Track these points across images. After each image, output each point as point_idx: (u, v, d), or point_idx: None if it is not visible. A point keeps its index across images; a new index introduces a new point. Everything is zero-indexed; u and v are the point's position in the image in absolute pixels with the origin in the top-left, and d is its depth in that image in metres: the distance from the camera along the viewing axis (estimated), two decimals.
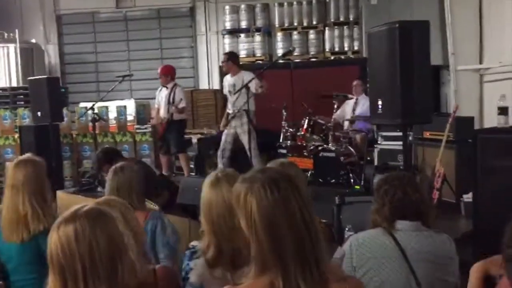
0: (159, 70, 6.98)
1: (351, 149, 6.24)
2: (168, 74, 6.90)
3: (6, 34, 9.70)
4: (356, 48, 9.24)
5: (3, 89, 9.01)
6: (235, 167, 6.64)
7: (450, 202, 4.50)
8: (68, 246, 1.46)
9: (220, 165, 6.59)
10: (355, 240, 2.42)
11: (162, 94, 6.93)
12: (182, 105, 6.65)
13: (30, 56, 9.93)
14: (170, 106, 6.73)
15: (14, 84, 9.55)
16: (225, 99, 6.99)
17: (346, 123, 6.76)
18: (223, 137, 6.55)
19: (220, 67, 8.43)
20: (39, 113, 6.73)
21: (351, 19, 9.34)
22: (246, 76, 6.21)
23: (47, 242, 1.51)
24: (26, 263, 2.72)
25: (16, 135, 7.44)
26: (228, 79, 6.62)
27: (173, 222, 4.15)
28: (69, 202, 5.04)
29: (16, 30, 9.61)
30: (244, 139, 6.27)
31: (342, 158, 6.00)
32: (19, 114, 7.68)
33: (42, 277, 2.66)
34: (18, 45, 9.61)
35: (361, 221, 3.16)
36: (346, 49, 9.31)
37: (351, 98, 7.00)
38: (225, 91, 6.70)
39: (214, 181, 2.12)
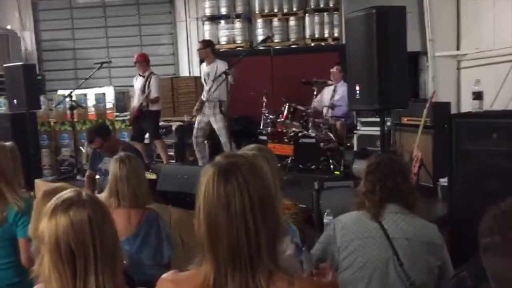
0: (134, 58, 6.90)
1: (331, 135, 6.29)
2: (145, 61, 6.83)
3: None
4: (336, 34, 9.26)
5: None
6: (215, 153, 6.70)
7: (428, 186, 4.57)
8: (81, 230, 1.44)
9: (197, 154, 6.59)
10: (338, 222, 2.47)
11: (137, 83, 6.87)
12: (153, 95, 6.61)
13: (5, 43, 9.71)
14: (143, 96, 6.67)
15: None
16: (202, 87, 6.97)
17: (325, 109, 6.79)
18: (195, 124, 6.55)
19: None
20: (15, 101, 6.60)
21: (331, 5, 9.34)
22: (220, 65, 6.20)
23: (44, 228, 1.47)
24: (2, 247, 2.73)
25: None
26: (204, 67, 6.61)
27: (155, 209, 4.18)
28: None
29: None
30: (217, 127, 6.29)
31: (322, 144, 6.03)
32: None
33: (18, 262, 2.69)
34: None
35: (340, 205, 3.21)
36: (326, 35, 9.32)
37: (331, 85, 7.03)
38: (202, 78, 6.71)
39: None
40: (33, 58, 10.57)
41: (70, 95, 6.48)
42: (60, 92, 8.14)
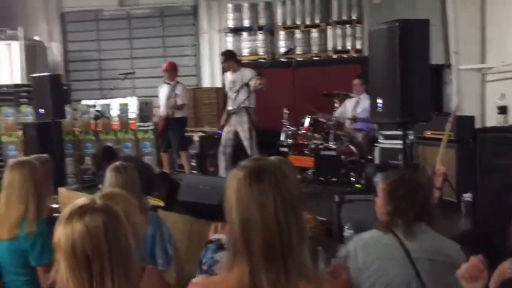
0: (163, 67, 7.02)
1: (352, 148, 6.24)
2: (174, 70, 6.96)
3: (9, 31, 9.74)
4: (358, 47, 9.24)
5: (7, 86, 9.04)
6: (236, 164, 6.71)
7: (451, 201, 4.49)
8: (97, 236, 1.47)
9: (222, 163, 6.61)
10: (359, 241, 2.40)
11: (163, 91, 6.96)
12: (180, 102, 6.68)
13: (33, 54, 9.96)
14: (171, 103, 6.76)
15: (18, 81, 9.58)
16: (226, 97, 7.01)
17: (348, 122, 6.76)
18: (223, 135, 6.57)
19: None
20: (41, 110, 6.76)
21: (353, 18, 9.34)
22: (246, 73, 6.23)
23: (60, 234, 1.49)
24: (17, 264, 2.71)
25: (19, 132, 7.47)
26: (228, 76, 6.65)
27: (174, 220, 4.20)
28: (71, 199, 5.06)
29: (20, 28, 9.66)
30: (244, 136, 6.30)
31: (343, 157, 6.00)
32: (22, 111, 7.71)
33: (35, 280, 2.69)
34: (21, 42, 9.64)
35: (361, 219, 3.19)
36: (348, 48, 9.31)
37: (353, 97, 7.00)
38: (226, 88, 6.74)
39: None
40: (60, 68, 10.81)
41: (94, 105, 6.60)
42: (85, 101, 8.30)
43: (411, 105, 3.47)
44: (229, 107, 6.51)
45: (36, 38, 10.40)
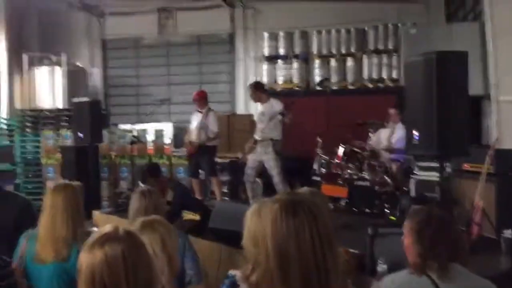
0: (193, 96, 7.13)
1: (387, 179, 6.13)
2: (203, 97, 7.03)
3: (53, 57, 10.15)
4: (394, 76, 9.16)
5: (49, 111, 9.38)
6: (268, 193, 6.68)
7: (490, 238, 4.32)
8: (115, 264, 1.49)
9: (249, 192, 6.61)
10: (390, 283, 2.29)
11: (195, 119, 7.05)
12: (211, 130, 6.75)
13: (75, 79, 10.32)
14: (202, 131, 6.83)
15: (59, 105, 9.93)
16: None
17: (382, 152, 6.66)
18: (248, 162, 6.60)
19: None
20: (80, 134, 6.95)
21: (390, 47, 9.29)
22: (275, 104, 6.27)
23: (82, 260, 1.53)
24: (64, 286, 2.70)
25: (59, 155, 7.68)
26: (258, 106, 6.72)
27: (204, 247, 4.19)
28: (105, 222, 5.14)
29: (63, 54, 10.05)
30: (269, 166, 6.31)
31: (377, 188, 5.90)
32: (61, 135, 7.95)
33: None
34: (64, 68, 10.02)
35: (395, 254, 3.08)
36: (384, 77, 9.24)
37: (387, 127, 6.91)
38: (256, 118, 6.80)
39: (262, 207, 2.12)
40: (100, 93, 11.15)
41: (131, 130, 6.74)
42: (122, 126, 8.49)
43: (448, 138, 3.40)
44: (256, 136, 6.55)
45: (78, 64, 10.79)
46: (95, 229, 3.08)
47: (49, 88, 10.11)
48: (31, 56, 10.34)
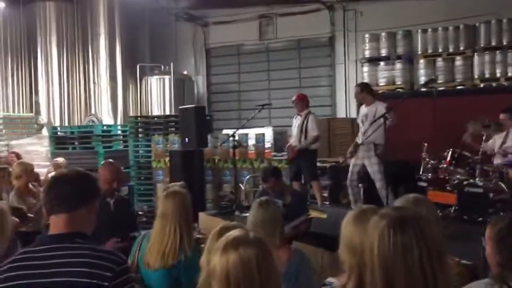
0: (294, 97, 7.13)
1: (502, 185, 5.66)
2: (303, 100, 7.02)
3: (163, 67, 10.81)
4: (510, 74, 8.47)
5: (158, 117, 9.98)
6: (370, 198, 6.50)
7: None
8: (250, 267, 1.53)
9: (351, 196, 6.47)
10: None
11: (296, 122, 7.06)
12: (312, 134, 6.70)
13: (181, 87, 10.92)
14: (302, 136, 6.82)
15: (167, 112, 10.54)
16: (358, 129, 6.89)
17: (496, 156, 6.16)
18: (350, 167, 6.45)
19: None
20: (186, 139, 7.30)
21: (504, 43, 8.61)
22: (380, 107, 6.07)
23: (215, 263, 1.57)
24: None
25: (167, 159, 8.11)
26: (362, 108, 6.55)
27: (306, 252, 4.17)
28: (209, 223, 5.33)
29: (171, 63, 10.67)
30: (371, 171, 6.12)
31: (491, 195, 5.47)
32: (170, 140, 8.38)
33: None
34: (172, 76, 10.63)
35: None
36: (498, 75, 8.58)
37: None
38: (358, 120, 6.63)
39: (358, 215, 2.07)
40: (204, 100, 11.66)
41: (233, 135, 6.94)
42: (225, 131, 8.77)
43: None
44: (358, 140, 6.39)
45: (185, 72, 11.38)
46: (199, 236, 3.19)
47: (158, 96, 10.81)
48: (143, 67, 11.11)
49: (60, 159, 7.81)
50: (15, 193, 4.88)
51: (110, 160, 4.29)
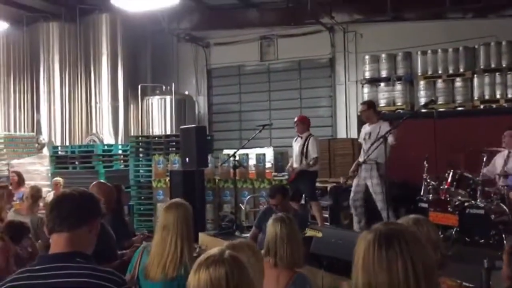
0: (295, 119, 7.15)
1: (504, 207, 5.64)
2: (304, 123, 7.03)
3: (164, 87, 10.88)
4: (510, 96, 8.52)
5: (159, 137, 10.00)
6: (373, 218, 6.47)
7: None
8: (218, 286, 1.55)
9: (354, 216, 6.44)
10: None
11: (296, 144, 7.06)
12: (312, 155, 6.70)
13: (183, 107, 10.97)
14: (302, 157, 6.81)
15: (168, 132, 10.56)
16: (360, 148, 6.89)
17: (498, 178, 6.14)
18: (353, 187, 6.43)
19: (359, 116, 8.37)
20: (187, 159, 7.30)
21: (504, 65, 8.68)
22: (383, 126, 6.08)
23: (189, 282, 1.60)
24: None
25: (167, 179, 8.10)
26: (366, 127, 6.55)
27: (308, 273, 4.14)
28: (210, 243, 5.29)
29: (173, 84, 10.74)
30: (373, 191, 6.10)
31: (493, 216, 5.45)
32: (170, 159, 8.38)
33: None
34: (173, 96, 10.69)
35: None
36: (498, 97, 8.63)
37: (503, 151, 6.37)
38: (360, 138, 6.63)
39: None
40: (205, 120, 11.70)
41: (234, 155, 6.94)
42: (225, 151, 8.77)
43: None
44: (360, 159, 6.38)
45: (186, 92, 11.45)
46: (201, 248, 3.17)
47: (159, 116, 10.85)
48: (144, 87, 11.19)
49: (59, 179, 7.83)
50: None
51: (101, 181, 4.23)
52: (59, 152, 9.88)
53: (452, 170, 6.15)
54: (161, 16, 10.72)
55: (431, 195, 6.30)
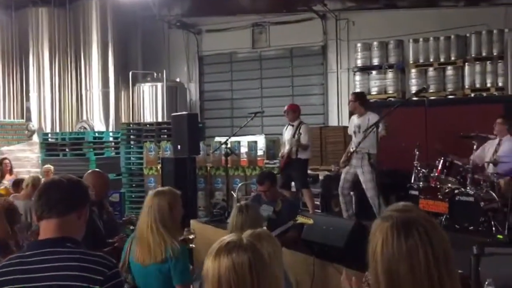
0: (286, 107, 7.13)
1: (493, 194, 5.70)
2: (295, 111, 7.01)
3: (155, 74, 10.80)
4: (500, 84, 8.56)
5: (150, 124, 9.95)
6: (362, 206, 6.51)
7: None
8: (242, 272, 1.52)
9: (342, 204, 6.48)
10: None
11: (288, 132, 7.05)
12: (303, 142, 6.69)
13: (174, 94, 10.90)
14: (293, 145, 6.81)
15: (160, 119, 10.51)
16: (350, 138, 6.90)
17: (487, 166, 6.20)
18: (342, 175, 6.45)
19: None
20: (179, 147, 7.27)
21: (494, 54, 8.72)
22: (372, 117, 6.08)
23: (208, 268, 1.57)
24: (163, 286, 2.85)
25: (159, 166, 8.08)
26: (354, 119, 6.55)
27: (297, 259, 4.17)
28: (201, 231, 5.30)
29: (164, 70, 10.66)
30: (363, 180, 6.12)
31: (482, 204, 5.50)
32: (162, 147, 8.35)
33: None
34: (164, 83, 10.62)
35: (505, 276, 2.86)
36: (488, 85, 8.67)
37: (493, 138, 6.42)
38: (350, 131, 6.63)
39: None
40: (196, 107, 11.66)
41: (225, 142, 6.92)
42: (217, 139, 8.75)
43: None
44: (351, 149, 6.40)
45: (177, 79, 11.38)
46: (191, 236, 3.19)
47: (151, 103, 10.79)
48: (135, 74, 11.09)
49: (49, 166, 7.79)
50: None
51: (97, 170, 4.25)
52: (49, 139, 9.80)
53: (442, 158, 6.20)
54: (152, 2, 10.60)
55: (421, 183, 6.35)
